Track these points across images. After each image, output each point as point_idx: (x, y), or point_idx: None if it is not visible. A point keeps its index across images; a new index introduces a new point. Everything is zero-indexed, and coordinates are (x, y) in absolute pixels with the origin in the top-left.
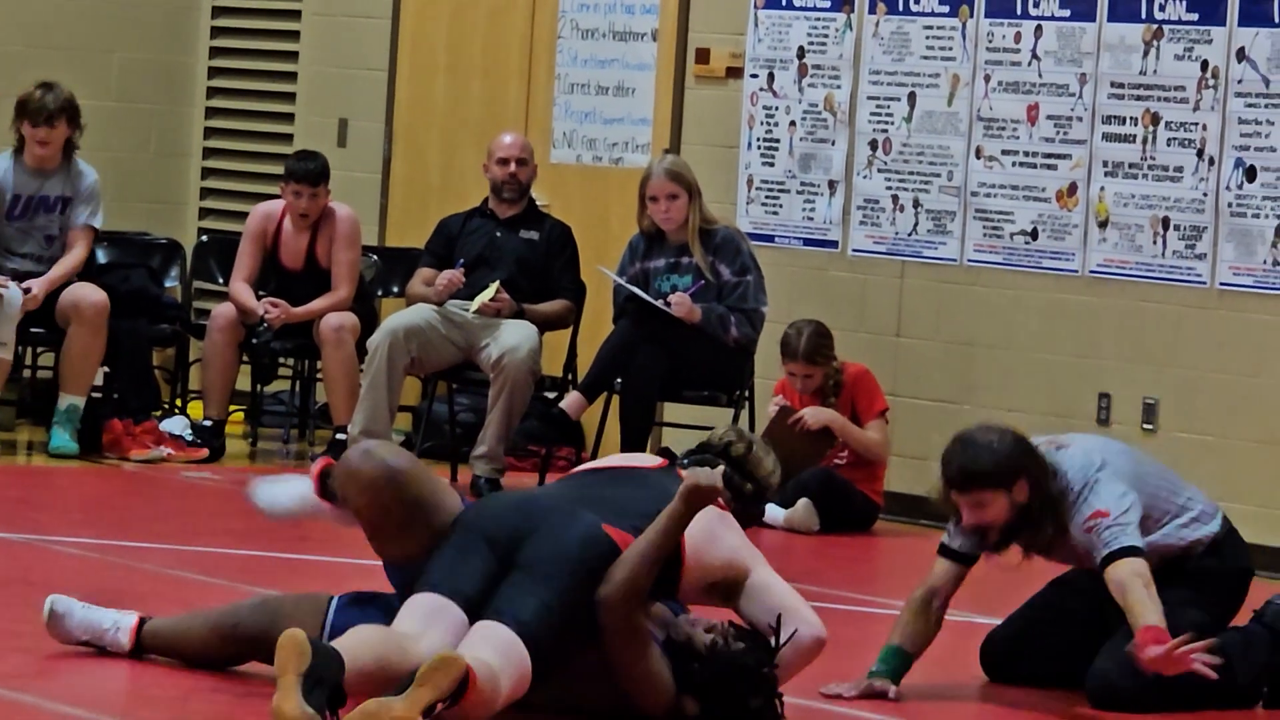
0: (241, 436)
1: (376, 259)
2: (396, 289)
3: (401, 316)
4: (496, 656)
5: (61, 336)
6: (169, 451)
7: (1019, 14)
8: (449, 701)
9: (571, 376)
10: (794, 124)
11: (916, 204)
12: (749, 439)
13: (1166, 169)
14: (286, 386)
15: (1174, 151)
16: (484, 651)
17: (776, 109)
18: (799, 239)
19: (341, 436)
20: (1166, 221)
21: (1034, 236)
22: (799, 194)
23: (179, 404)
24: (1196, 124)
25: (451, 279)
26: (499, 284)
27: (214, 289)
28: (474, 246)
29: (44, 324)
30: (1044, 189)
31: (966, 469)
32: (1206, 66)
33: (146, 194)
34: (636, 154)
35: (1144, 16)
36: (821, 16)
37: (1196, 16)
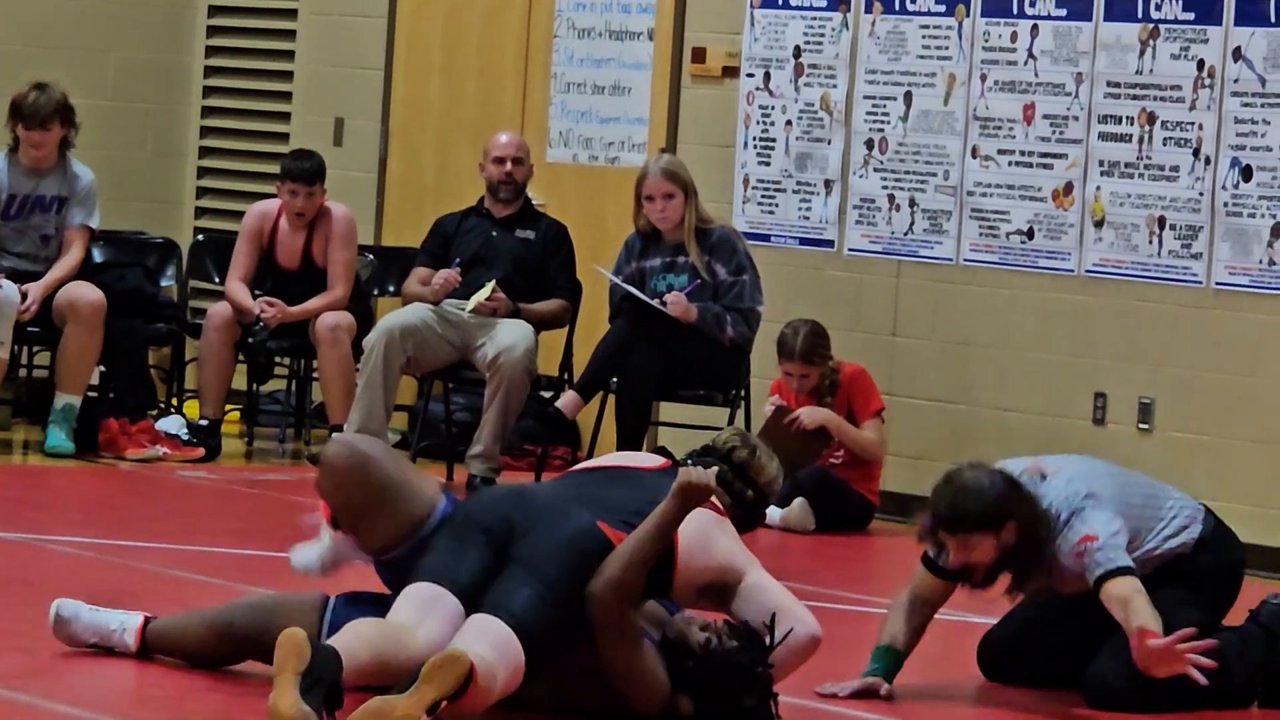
0: (237, 436)
1: (372, 258)
2: (392, 288)
3: (397, 316)
4: (491, 651)
5: (58, 335)
6: (165, 451)
7: (1015, 13)
8: (450, 698)
9: (567, 376)
10: (790, 123)
11: (912, 203)
12: (753, 444)
13: (1162, 168)
14: (282, 386)
15: (1170, 151)
16: (479, 645)
17: (773, 108)
18: (795, 238)
19: (338, 436)
20: (1162, 221)
21: (1030, 236)
22: (795, 193)
23: (175, 403)
24: (1193, 123)
25: (447, 278)
26: (495, 283)
27: (210, 288)
28: (470, 246)
29: (40, 323)
30: (1040, 188)
31: (956, 511)
32: (1203, 66)
33: (143, 193)
34: (632, 153)
35: (1140, 16)
36: (818, 16)
37: (1193, 16)
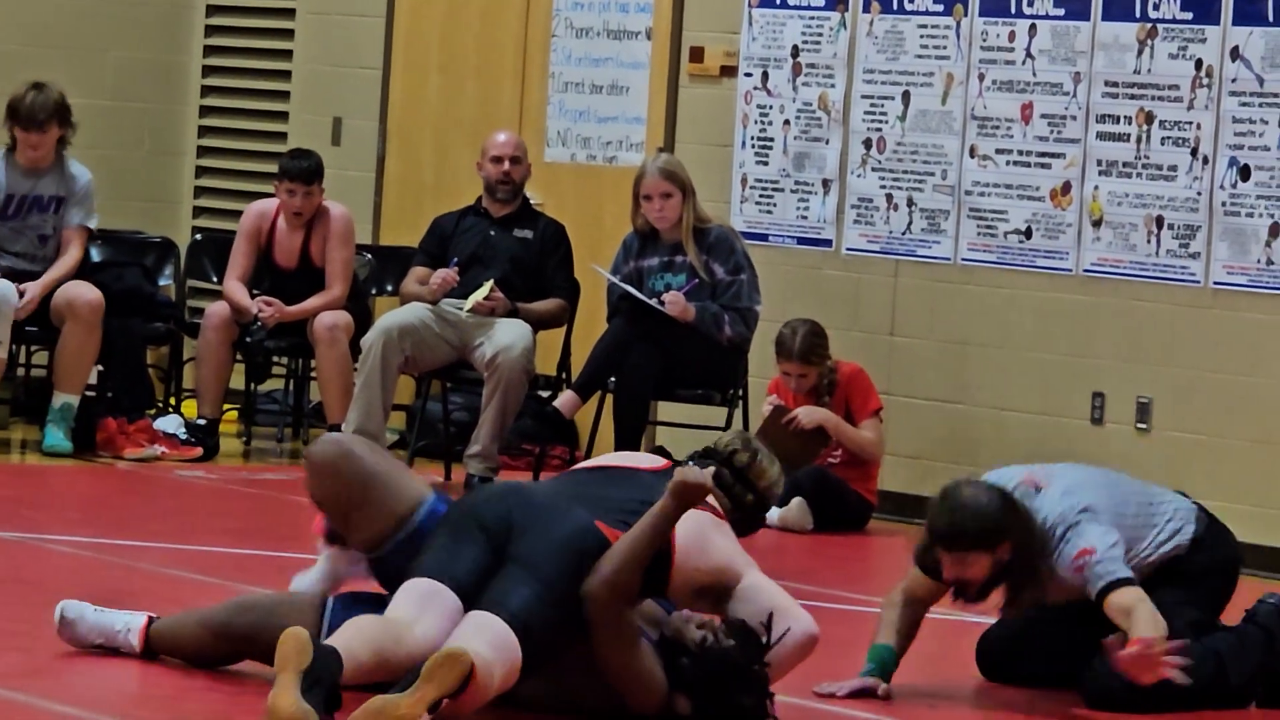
0: (235, 435)
1: (370, 257)
2: (390, 288)
3: (395, 315)
4: (489, 649)
5: (56, 335)
6: (163, 450)
7: (1013, 13)
8: (451, 696)
9: (565, 375)
10: (788, 123)
11: (910, 203)
12: (754, 448)
13: (1160, 168)
14: (280, 385)
15: (1168, 150)
16: (477, 643)
17: (771, 108)
18: (793, 238)
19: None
20: (1160, 220)
21: (1028, 235)
22: (793, 193)
23: (173, 402)
24: (1191, 123)
25: (445, 278)
26: (493, 283)
27: (208, 287)
28: (468, 245)
29: (38, 322)
30: (1038, 188)
31: (954, 529)
32: (1201, 65)
33: (141, 192)
34: (630, 153)
35: (1138, 15)
36: (816, 15)
37: (1191, 15)
